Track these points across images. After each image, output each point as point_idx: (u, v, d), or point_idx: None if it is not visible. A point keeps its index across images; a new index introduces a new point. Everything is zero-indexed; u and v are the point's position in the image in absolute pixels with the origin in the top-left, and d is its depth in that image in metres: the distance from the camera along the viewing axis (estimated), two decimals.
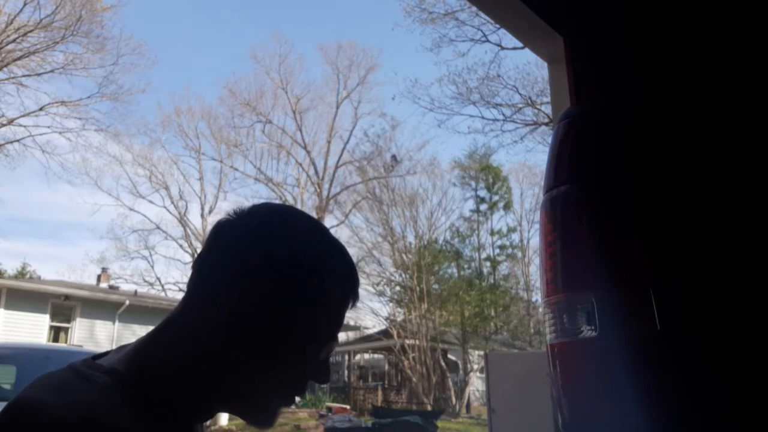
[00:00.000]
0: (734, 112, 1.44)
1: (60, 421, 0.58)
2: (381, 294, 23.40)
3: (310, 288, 0.71)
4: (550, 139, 1.47)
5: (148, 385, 0.67)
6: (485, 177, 25.83)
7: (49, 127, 20.74)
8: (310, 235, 0.76)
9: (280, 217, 0.77)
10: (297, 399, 0.77)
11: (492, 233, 26.52)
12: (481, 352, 19.26)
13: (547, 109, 16.15)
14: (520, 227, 29.18)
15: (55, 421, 0.58)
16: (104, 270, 24.67)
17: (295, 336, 0.71)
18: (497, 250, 26.50)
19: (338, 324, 0.76)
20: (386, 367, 24.83)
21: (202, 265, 0.73)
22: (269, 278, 0.69)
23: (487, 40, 16.27)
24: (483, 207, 26.20)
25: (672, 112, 1.46)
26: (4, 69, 18.96)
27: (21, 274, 27.25)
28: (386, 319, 23.28)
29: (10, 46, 18.81)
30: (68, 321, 17.65)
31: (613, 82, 1.69)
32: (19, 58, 19.25)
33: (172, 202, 27.85)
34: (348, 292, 0.76)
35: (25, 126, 20.23)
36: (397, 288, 23.50)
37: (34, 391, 0.64)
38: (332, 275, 0.74)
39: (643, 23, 1.69)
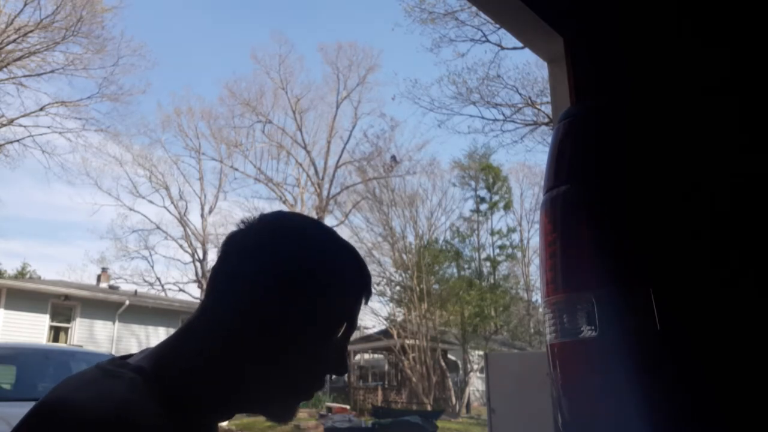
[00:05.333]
0: (733, 112, 1.44)
1: (97, 418, 0.59)
2: (381, 294, 23.37)
3: (321, 289, 0.74)
4: (550, 139, 1.47)
5: (172, 384, 0.69)
6: (485, 177, 25.81)
7: (49, 127, 20.74)
8: (319, 239, 0.79)
9: (289, 223, 0.80)
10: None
11: (492, 233, 26.51)
12: (481, 352, 19.24)
13: (547, 109, 16.14)
14: (520, 227, 29.20)
15: (93, 418, 0.59)
16: (104, 270, 24.66)
17: (309, 336, 0.73)
18: (497, 250, 26.50)
19: (352, 318, 0.78)
20: (386, 367, 24.82)
21: (216, 274, 0.76)
22: (281, 283, 0.72)
23: (487, 40, 16.27)
24: (483, 207, 26.19)
25: (671, 112, 1.46)
26: (4, 69, 18.96)
27: (21, 274, 27.22)
28: (386, 319, 23.26)
29: (10, 47, 18.80)
30: (68, 321, 17.63)
31: (613, 82, 1.69)
32: (19, 59, 19.24)
33: (172, 202, 27.86)
34: (360, 290, 0.79)
35: (25, 126, 20.23)
36: (397, 288, 23.48)
37: (66, 391, 0.65)
38: (343, 275, 0.77)
39: (642, 24, 1.69)
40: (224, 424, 14.50)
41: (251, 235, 0.76)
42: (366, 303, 0.80)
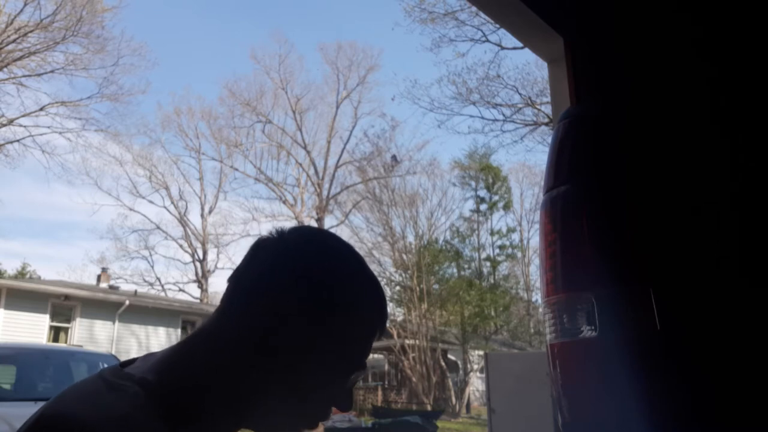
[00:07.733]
0: (733, 112, 1.44)
1: None
2: None
3: (342, 314, 0.71)
4: (550, 139, 1.47)
5: (177, 396, 0.66)
6: (485, 177, 25.84)
7: (49, 127, 20.79)
8: (349, 264, 0.76)
9: (321, 241, 0.78)
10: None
11: (492, 233, 26.55)
12: (481, 352, 19.24)
13: (547, 109, 16.15)
14: (520, 227, 29.26)
15: None
16: (104, 270, 24.68)
17: (324, 359, 0.71)
18: (497, 250, 26.55)
19: (365, 353, 0.76)
20: (386, 367, 24.81)
21: (239, 279, 0.73)
22: (304, 300, 0.69)
23: (487, 40, 16.30)
24: (483, 207, 26.23)
25: (671, 112, 1.46)
26: (4, 69, 18.96)
27: (21, 274, 27.22)
28: None
29: (10, 47, 18.81)
30: (68, 321, 17.62)
31: (613, 82, 1.69)
32: (19, 59, 19.25)
33: (172, 202, 27.94)
34: (376, 326, 0.76)
35: (25, 126, 20.28)
36: (397, 288, 23.47)
37: (66, 404, 0.63)
38: (364, 306, 0.75)
39: (642, 23, 1.69)
40: None
41: (281, 247, 0.74)
42: (379, 338, 0.78)
